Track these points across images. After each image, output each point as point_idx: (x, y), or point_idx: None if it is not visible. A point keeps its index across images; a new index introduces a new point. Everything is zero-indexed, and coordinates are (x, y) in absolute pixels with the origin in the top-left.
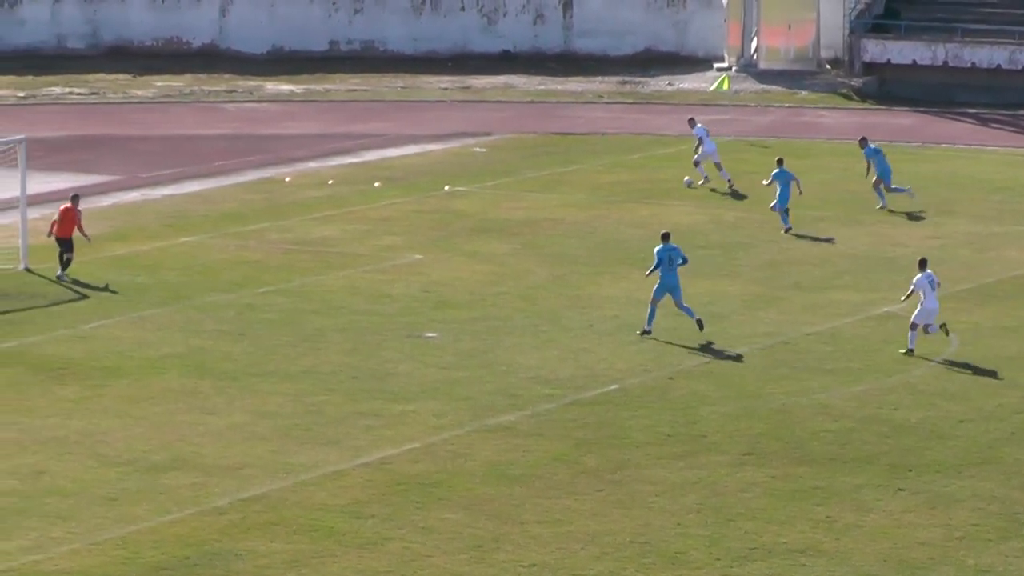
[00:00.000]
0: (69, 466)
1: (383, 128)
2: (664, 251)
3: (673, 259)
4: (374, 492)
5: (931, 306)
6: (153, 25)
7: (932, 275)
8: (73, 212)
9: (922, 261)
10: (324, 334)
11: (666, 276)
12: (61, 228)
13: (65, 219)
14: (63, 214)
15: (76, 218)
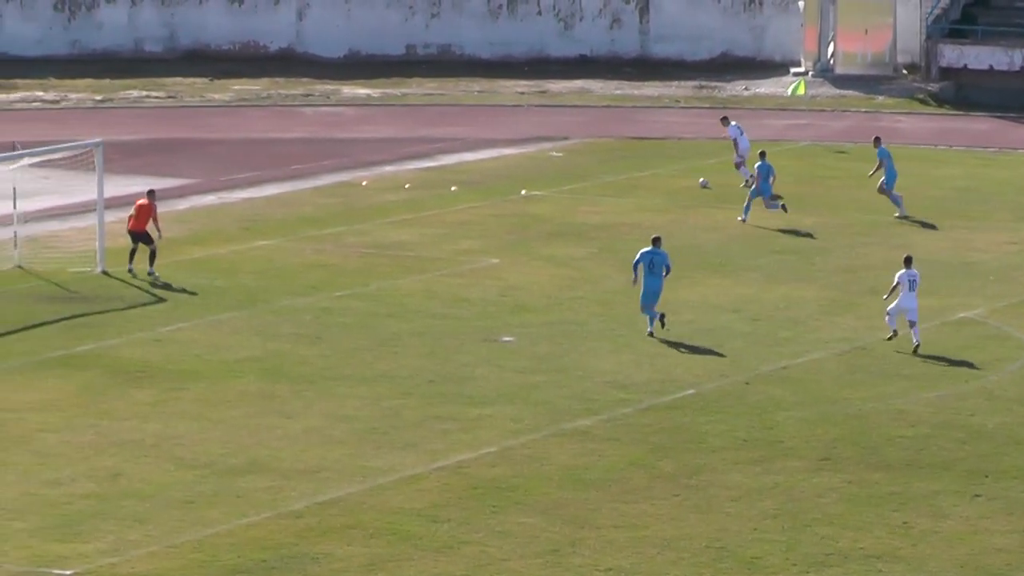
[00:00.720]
0: (146, 469)
1: (460, 132)
2: (647, 254)
3: (656, 263)
4: (450, 496)
5: (905, 304)
6: (230, 29)
7: (915, 273)
8: (149, 206)
9: (907, 258)
10: (401, 338)
11: (649, 281)
12: (136, 222)
13: (140, 213)
14: (139, 209)
15: (152, 211)
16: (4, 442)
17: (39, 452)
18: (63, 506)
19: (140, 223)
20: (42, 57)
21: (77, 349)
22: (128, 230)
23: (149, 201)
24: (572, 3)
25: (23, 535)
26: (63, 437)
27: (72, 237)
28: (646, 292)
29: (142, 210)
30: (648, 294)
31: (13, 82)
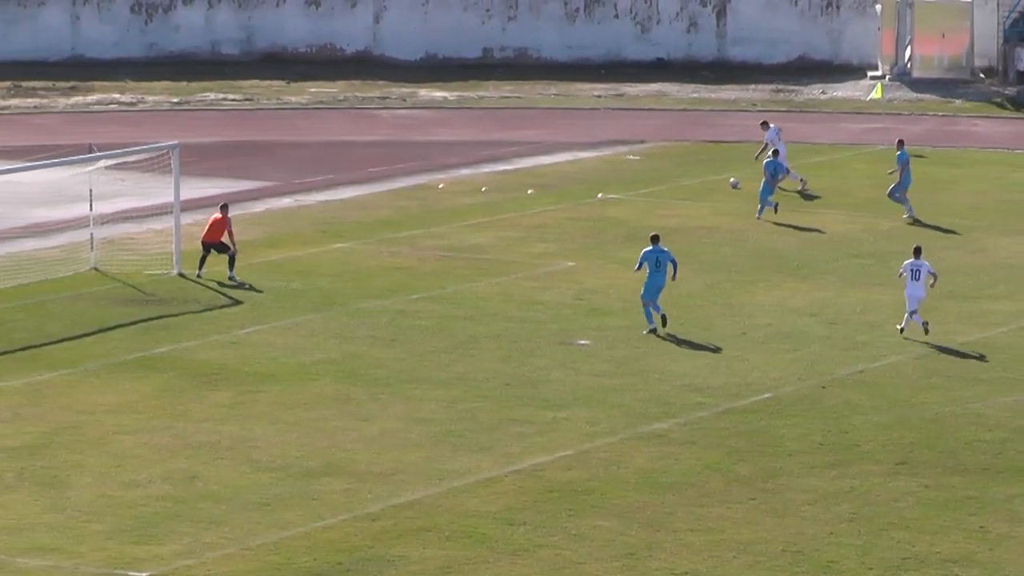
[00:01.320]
0: (222, 471)
1: (536, 135)
2: (652, 253)
3: (661, 261)
4: (526, 499)
5: (911, 292)
6: (307, 32)
7: (921, 263)
8: (223, 220)
9: (916, 248)
10: (477, 341)
11: (654, 277)
12: (209, 234)
13: (214, 227)
14: (213, 223)
15: (226, 225)
16: (81, 444)
17: (116, 454)
18: (139, 508)
19: (214, 235)
20: (119, 59)
21: (154, 351)
22: (201, 241)
23: (223, 215)
24: (649, 6)
25: (99, 537)
26: (140, 439)
27: (148, 239)
28: (649, 288)
29: (216, 224)
30: (651, 289)
31: (90, 84)
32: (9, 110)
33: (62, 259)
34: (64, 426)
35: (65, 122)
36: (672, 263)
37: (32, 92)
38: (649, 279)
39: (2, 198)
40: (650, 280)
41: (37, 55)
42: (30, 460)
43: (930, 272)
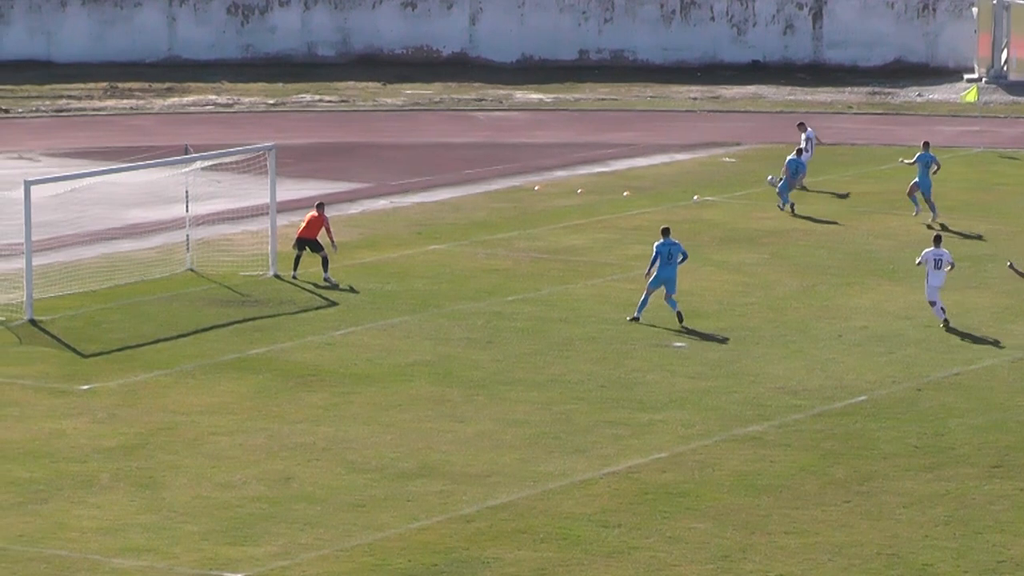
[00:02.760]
0: (317, 472)
1: (632, 137)
2: (664, 246)
3: (673, 254)
4: (621, 501)
5: (934, 283)
6: (403, 33)
7: (942, 252)
8: (320, 218)
9: (936, 237)
10: (572, 343)
11: (664, 270)
12: (305, 231)
13: (311, 224)
14: (309, 220)
15: (323, 223)
16: (176, 445)
17: (211, 455)
18: (234, 509)
19: (310, 232)
20: (215, 61)
21: (249, 352)
22: (296, 237)
23: (319, 213)
24: (745, 8)
25: (195, 538)
26: (235, 440)
27: (244, 241)
28: (658, 278)
29: (313, 221)
30: (660, 280)
31: (186, 86)
32: (105, 111)
33: (158, 260)
34: (160, 427)
35: (161, 123)
36: (683, 255)
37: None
38: (660, 270)
39: (99, 199)
40: (660, 271)
41: (133, 56)
42: (126, 461)
43: (949, 262)
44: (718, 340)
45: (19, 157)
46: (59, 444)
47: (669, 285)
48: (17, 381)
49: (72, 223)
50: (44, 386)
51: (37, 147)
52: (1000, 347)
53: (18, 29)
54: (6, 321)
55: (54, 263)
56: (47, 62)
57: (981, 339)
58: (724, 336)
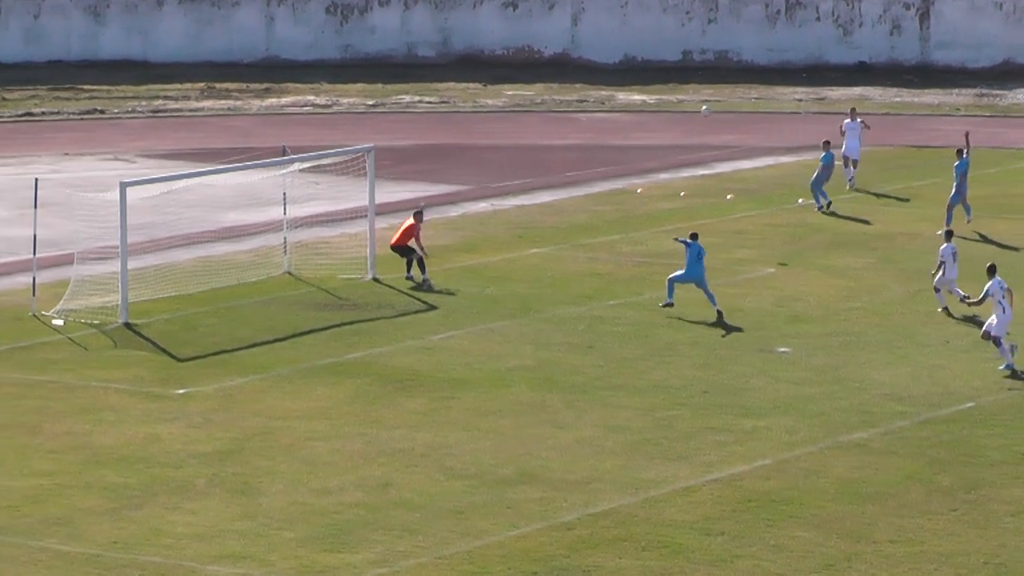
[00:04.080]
0: (416, 478)
1: (736, 139)
2: (695, 247)
3: (702, 254)
4: (724, 509)
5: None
6: (504, 34)
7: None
8: (414, 227)
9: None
10: (675, 347)
11: (694, 267)
12: (400, 238)
13: (405, 232)
14: (405, 229)
15: (415, 232)
16: (273, 451)
17: (308, 461)
18: (332, 516)
19: (402, 239)
20: (314, 61)
21: (347, 357)
22: (391, 245)
23: (415, 222)
24: (851, 9)
25: (291, 544)
26: (332, 446)
27: (342, 243)
28: (688, 276)
29: (407, 229)
30: (688, 277)
31: (284, 86)
32: (203, 112)
33: (255, 263)
34: (256, 432)
35: (259, 124)
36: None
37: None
38: (689, 268)
39: (195, 201)
40: (690, 269)
41: (231, 56)
42: (221, 466)
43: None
44: (823, 346)
45: (115, 158)
46: (154, 449)
47: (701, 283)
48: (112, 385)
49: (168, 225)
50: (139, 390)
51: (133, 148)
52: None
53: (114, 29)
54: (101, 325)
55: (149, 266)
56: (143, 62)
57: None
58: (829, 341)
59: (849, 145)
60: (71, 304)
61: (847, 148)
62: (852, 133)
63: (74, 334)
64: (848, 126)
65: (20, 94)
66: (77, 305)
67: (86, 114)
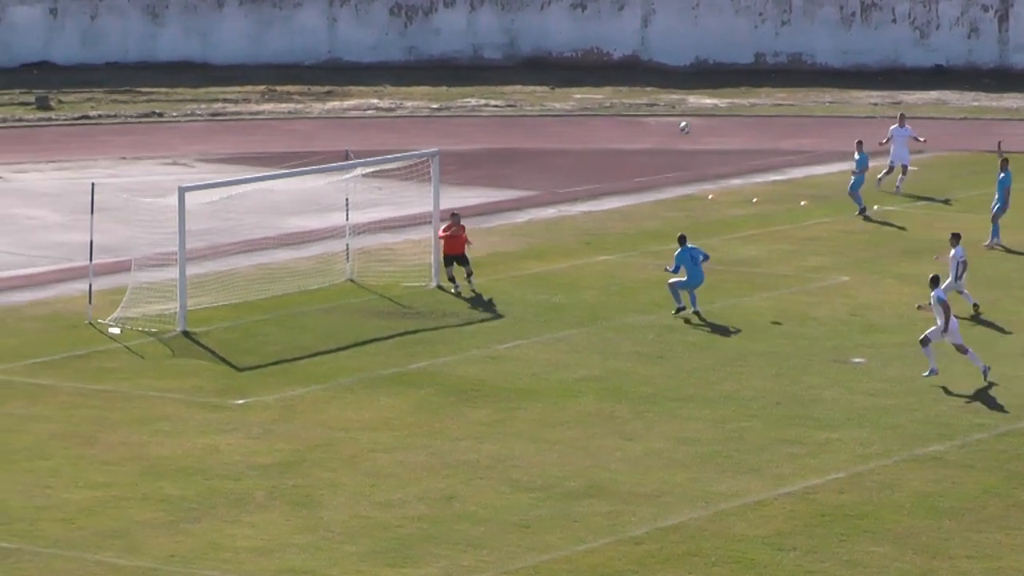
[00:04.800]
0: (480, 491)
1: (810, 144)
2: (684, 253)
3: (695, 257)
4: (797, 523)
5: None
6: (572, 35)
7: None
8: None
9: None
10: (746, 358)
11: (695, 272)
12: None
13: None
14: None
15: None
16: (335, 462)
17: (371, 473)
18: (395, 529)
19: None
20: (377, 63)
21: (411, 366)
22: (444, 254)
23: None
24: (928, 11)
25: (353, 559)
26: (395, 457)
27: (406, 250)
28: (690, 282)
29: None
30: (693, 284)
31: (347, 89)
32: (263, 115)
33: (316, 270)
34: (317, 443)
35: (320, 128)
36: (705, 257)
37: (287, 97)
38: (691, 274)
39: (255, 206)
40: (692, 275)
41: (292, 58)
42: (282, 478)
43: None
44: (898, 356)
45: (173, 162)
46: (212, 461)
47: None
48: (169, 395)
49: (228, 231)
50: (197, 400)
51: (192, 152)
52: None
53: (173, 30)
54: (159, 333)
55: (208, 273)
56: (203, 64)
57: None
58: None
59: (898, 152)
60: (128, 312)
61: (896, 155)
62: (901, 140)
63: (131, 342)
64: (896, 132)
65: (76, 97)
66: (134, 313)
67: (144, 117)
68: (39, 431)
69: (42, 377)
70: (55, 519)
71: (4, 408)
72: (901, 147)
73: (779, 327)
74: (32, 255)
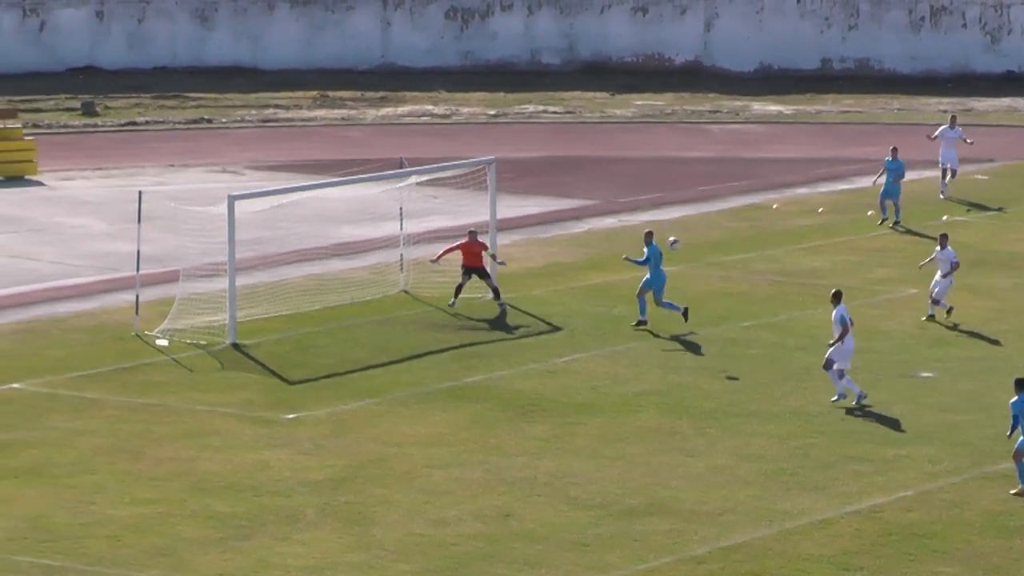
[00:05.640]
0: (538, 509)
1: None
2: (654, 250)
3: (659, 256)
4: (863, 542)
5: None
6: (633, 40)
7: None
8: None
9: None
10: (811, 372)
11: (658, 273)
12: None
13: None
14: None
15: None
16: (388, 479)
17: (425, 490)
18: (449, 547)
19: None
20: (432, 68)
21: (466, 380)
22: (463, 266)
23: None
24: (999, 15)
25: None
26: (450, 474)
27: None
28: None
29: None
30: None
31: (401, 95)
32: (315, 121)
33: (370, 281)
34: (370, 459)
35: (374, 135)
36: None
37: (339, 103)
38: (653, 275)
39: (307, 215)
40: (655, 277)
41: (345, 63)
42: (333, 495)
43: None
44: (968, 370)
45: (223, 170)
46: (262, 477)
47: (659, 291)
48: (219, 409)
49: (278, 241)
50: (247, 415)
51: (242, 159)
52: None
53: (223, 34)
54: (208, 345)
55: (259, 283)
56: (253, 69)
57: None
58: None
59: (947, 154)
60: (176, 323)
61: (945, 156)
62: (950, 142)
63: (179, 355)
64: (945, 134)
65: (123, 102)
66: (182, 324)
67: (192, 123)
68: (84, 446)
69: (88, 390)
70: (101, 536)
71: (49, 422)
72: (950, 148)
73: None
74: (77, 265)
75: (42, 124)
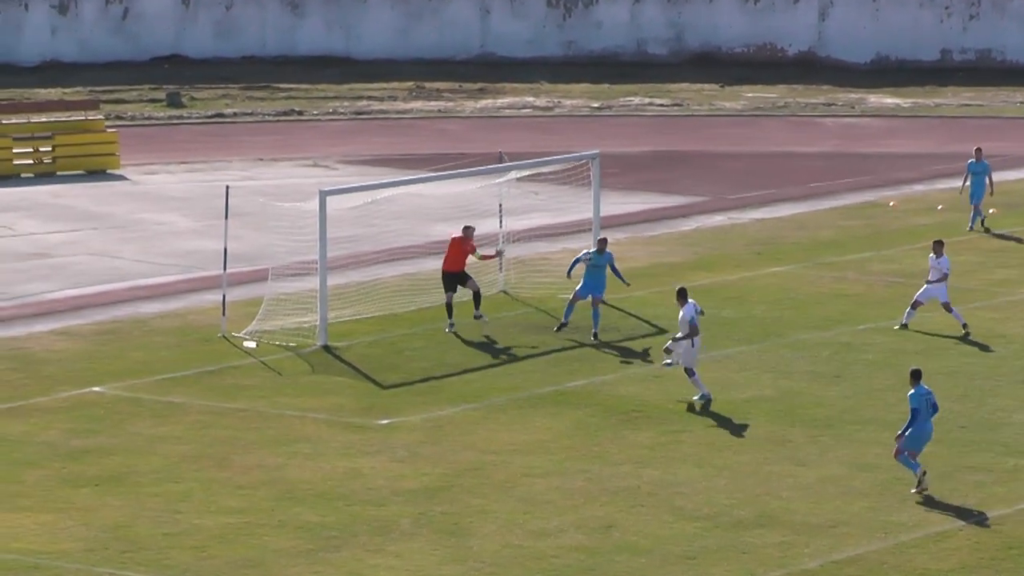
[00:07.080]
0: (642, 520)
1: (1000, 147)
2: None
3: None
4: (983, 556)
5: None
6: (744, 30)
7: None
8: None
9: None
10: (930, 377)
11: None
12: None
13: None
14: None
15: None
16: (486, 488)
17: (524, 499)
18: (549, 560)
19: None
20: (533, 59)
21: (567, 385)
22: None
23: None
24: None
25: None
26: (551, 483)
27: (563, 260)
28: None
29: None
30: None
31: (500, 86)
32: (411, 114)
33: None
34: (467, 467)
35: (472, 128)
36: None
37: (436, 94)
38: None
39: (401, 212)
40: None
41: (443, 53)
42: (429, 505)
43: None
44: None
45: (314, 164)
46: (355, 485)
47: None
48: (309, 415)
49: (371, 238)
50: (338, 420)
51: (334, 153)
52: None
53: (314, 22)
54: (298, 347)
55: (351, 283)
56: (346, 59)
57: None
58: None
59: None
60: (264, 325)
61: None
62: None
63: (267, 357)
64: None
65: (210, 93)
66: (271, 326)
67: (282, 115)
68: (169, 452)
69: (172, 394)
70: (186, 547)
71: (132, 428)
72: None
73: (964, 345)
74: (161, 263)
75: (125, 116)
